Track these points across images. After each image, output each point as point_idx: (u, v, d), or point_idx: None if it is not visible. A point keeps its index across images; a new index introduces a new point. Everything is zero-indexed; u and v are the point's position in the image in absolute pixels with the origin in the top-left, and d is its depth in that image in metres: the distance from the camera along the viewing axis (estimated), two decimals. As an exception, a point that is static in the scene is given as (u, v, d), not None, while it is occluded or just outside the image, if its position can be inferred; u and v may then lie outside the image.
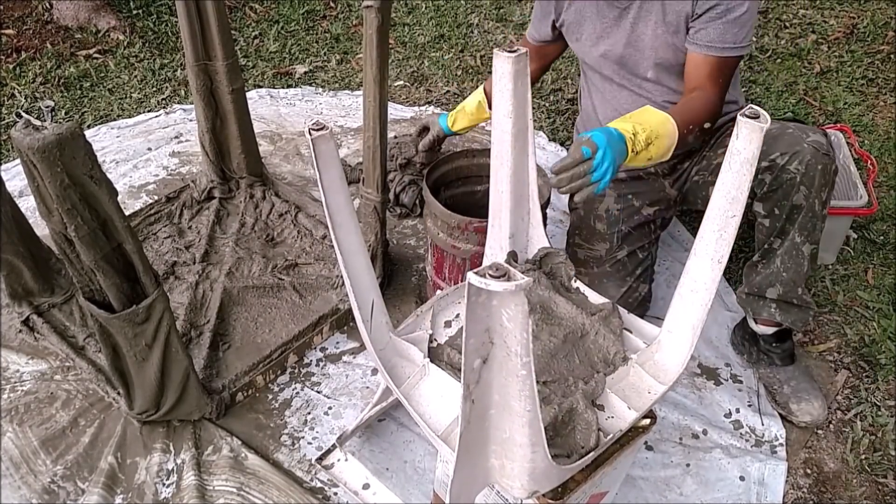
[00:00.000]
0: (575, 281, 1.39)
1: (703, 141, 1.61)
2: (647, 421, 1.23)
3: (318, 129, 1.13)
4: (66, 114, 2.85)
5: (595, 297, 1.38)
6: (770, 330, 1.81)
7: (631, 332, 1.33)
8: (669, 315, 1.25)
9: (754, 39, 1.59)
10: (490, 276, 0.76)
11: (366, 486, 1.57)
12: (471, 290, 0.78)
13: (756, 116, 1.03)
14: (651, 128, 1.37)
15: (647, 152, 1.37)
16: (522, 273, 1.35)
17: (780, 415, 1.79)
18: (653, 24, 1.67)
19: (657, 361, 1.26)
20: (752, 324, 1.84)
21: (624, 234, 1.87)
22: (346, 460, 1.62)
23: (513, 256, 1.42)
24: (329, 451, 1.64)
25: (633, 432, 1.21)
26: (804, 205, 1.57)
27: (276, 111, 2.91)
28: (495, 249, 1.45)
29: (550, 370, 1.20)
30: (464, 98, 3.07)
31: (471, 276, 0.76)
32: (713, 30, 1.57)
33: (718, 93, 1.60)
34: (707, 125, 1.54)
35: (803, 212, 1.58)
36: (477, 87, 3.20)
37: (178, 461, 1.62)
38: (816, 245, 1.64)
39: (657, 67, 1.73)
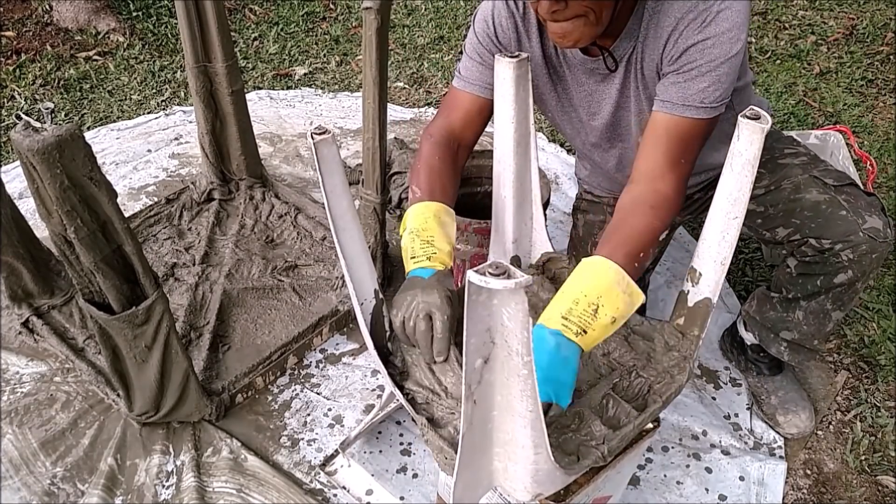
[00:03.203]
0: None
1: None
2: (651, 424, 1.23)
3: (320, 133, 1.12)
4: (65, 115, 2.85)
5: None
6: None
7: (634, 334, 1.32)
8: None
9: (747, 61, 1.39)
10: (490, 274, 0.75)
11: (369, 492, 1.57)
12: (471, 289, 0.78)
13: (757, 117, 1.03)
14: (586, 290, 1.09)
15: (601, 320, 1.07)
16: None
17: (767, 425, 1.77)
18: (634, 100, 1.42)
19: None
20: (741, 330, 1.82)
21: None
22: (349, 466, 1.62)
23: (516, 261, 1.42)
24: (332, 457, 1.64)
25: (637, 436, 1.21)
26: (845, 283, 1.46)
27: (275, 113, 2.91)
28: (499, 254, 1.45)
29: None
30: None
31: (470, 275, 0.76)
32: (672, 86, 1.26)
33: (677, 182, 1.24)
34: (663, 236, 1.23)
35: (843, 288, 1.47)
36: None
37: (178, 463, 1.62)
38: (846, 312, 1.53)
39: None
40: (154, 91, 3.04)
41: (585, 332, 1.06)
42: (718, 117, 1.29)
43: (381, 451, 1.67)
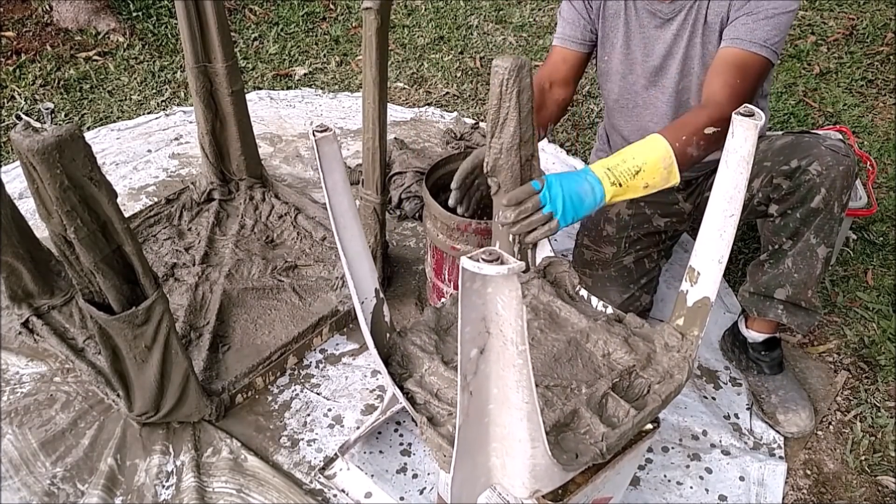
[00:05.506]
0: (580, 289, 1.39)
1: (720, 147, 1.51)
2: (651, 425, 1.23)
3: (322, 131, 1.13)
4: (65, 116, 2.86)
5: (599, 304, 1.38)
6: (760, 337, 1.80)
7: (634, 335, 1.32)
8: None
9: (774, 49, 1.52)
10: (483, 260, 0.75)
11: (368, 495, 1.57)
12: (465, 276, 0.78)
13: (751, 114, 1.04)
14: (635, 155, 1.28)
15: (637, 180, 1.27)
16: (526, 282, 1.35)
17: (767, 424, 1.77)
18: (699, 47, 1.60)
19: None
20: (742, 329, 1.83)
21: (633, 240, 1.85)
22: (349, 469, 1.62)
23: None
24: (331, 461, 1.64)
25: (637, 437, 1.21)
26: (822, 208, 1.52)
27: (275, 113, 2.91)
28: (500, 259, 1.44)
29: (553, 374, 1.20)
30: (462, 100, 3.09)
31: (464, 261, 0.76)
32: (741, 26, 1.48)
33: (728, 93, 1.44)
34: (710, 130, 1.37)
35: (821, 215, 1.53)
36: (477, 88, 3.22)
37: (178, 463, 1.62)
38: (832, 248, 1.59)
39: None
40: (154, 91, 3.04)
41: (620, 185, 1.26)
42: (770, 68, 1.51)
43: (380, 452, 1.67)
